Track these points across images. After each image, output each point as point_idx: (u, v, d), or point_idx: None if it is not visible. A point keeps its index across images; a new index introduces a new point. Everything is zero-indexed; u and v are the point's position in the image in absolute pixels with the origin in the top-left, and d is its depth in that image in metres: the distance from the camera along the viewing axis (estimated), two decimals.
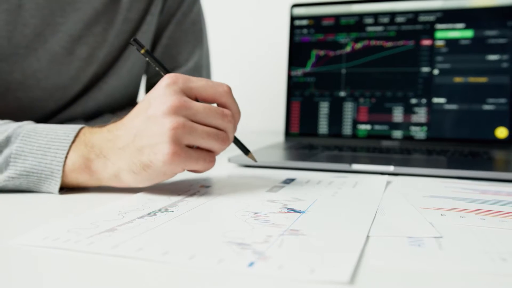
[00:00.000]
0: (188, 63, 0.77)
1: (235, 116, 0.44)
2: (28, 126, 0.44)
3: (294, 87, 0.92)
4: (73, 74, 0.66)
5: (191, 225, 0.33)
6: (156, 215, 0.35)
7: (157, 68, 0.47)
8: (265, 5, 1.29)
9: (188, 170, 0.45)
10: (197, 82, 0.42)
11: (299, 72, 0.92)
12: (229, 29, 1.33)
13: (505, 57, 0.81)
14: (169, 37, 0.76)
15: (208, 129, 0.41)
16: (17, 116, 0.65)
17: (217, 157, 0.69)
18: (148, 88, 0.81)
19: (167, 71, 0.46)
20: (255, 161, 0.51)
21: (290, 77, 0.93)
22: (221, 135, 0.42)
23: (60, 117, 0.68)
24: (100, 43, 0.67)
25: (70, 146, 0.42)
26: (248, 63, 1.33)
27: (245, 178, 0.53)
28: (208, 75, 0.82)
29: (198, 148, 0.43)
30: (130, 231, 0.31)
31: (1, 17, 0.58)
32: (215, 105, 0.44)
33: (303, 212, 0.37)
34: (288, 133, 0.92)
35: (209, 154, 0.43)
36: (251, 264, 0.25)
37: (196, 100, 0.43)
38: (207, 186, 0.47)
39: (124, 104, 0.75)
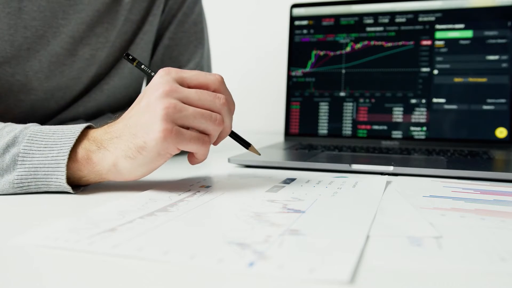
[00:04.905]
0: (190, 63, 0.77)
1: (229, 104, 0.45)
2: (34, 127, 0.45)
3: (294, 87, 0.92)
4: (75, 74, 0.66)
5: (192, 225, 0.33)
6: (156, 215, 0.36)
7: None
8: (265, 5, 1.29)
9: (188, 158, 0.46)
10: (189, 72, 0.44)
11: (299, 72, 0.92)
12: (229, 29, 1.33)
13: (504, 57, 0.81)
14: (170, 37, 0.76)
15: (200, 110, 0.42)
16: (17, 117, 0.65)
17: (217, 157, 0.70)
18: None
19: None
20: (259, 154, 0.51)
21: (290, 77, 0.93)
22: (214, 116, 0.42)
23: (61, 117, 0.68)
24: (102, 44, 0.67)
25: (76, 141, 0.43)
26: (248, 63, 1.33)
27: (245, 178, 0.53)
28: None
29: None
30: (130, 231, 0.31)
31: (3, 21, 0.58)
32: None
33: (303, 212, 0.37)
34: (288, 133, 0.92)
35: (203, 135, 0.43)
36: (251, 264, 0.25)
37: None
38: (207, 186, 0.47)
39: (125, 104, 0.75)
